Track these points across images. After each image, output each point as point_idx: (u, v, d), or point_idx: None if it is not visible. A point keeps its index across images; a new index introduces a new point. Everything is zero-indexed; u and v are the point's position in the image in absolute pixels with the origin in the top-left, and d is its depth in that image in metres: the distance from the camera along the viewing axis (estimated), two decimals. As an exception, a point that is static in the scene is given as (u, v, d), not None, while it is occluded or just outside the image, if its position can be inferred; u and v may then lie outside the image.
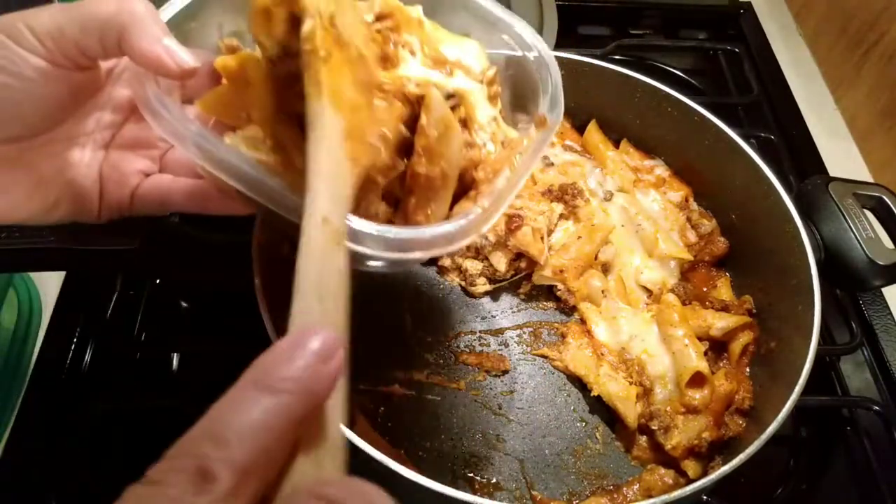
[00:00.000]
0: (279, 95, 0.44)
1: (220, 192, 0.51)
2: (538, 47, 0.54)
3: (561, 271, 0.75)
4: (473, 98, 0.49)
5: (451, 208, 0.48)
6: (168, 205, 0.53)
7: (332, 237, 0.35)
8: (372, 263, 0.45)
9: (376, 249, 0.42)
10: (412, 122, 0.46)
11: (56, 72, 0.43)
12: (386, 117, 0.44)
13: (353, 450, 0.52)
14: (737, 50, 1.16)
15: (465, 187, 0.49)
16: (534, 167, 0.49)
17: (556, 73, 0.53)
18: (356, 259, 0.47)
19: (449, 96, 0.48)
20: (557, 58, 0.54)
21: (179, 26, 0.47)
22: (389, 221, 0.47)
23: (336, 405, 0.30)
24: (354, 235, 0.41)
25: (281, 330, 0.57)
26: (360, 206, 0.44)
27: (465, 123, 0.49)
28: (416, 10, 0.49)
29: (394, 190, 0.47)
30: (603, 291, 0.75)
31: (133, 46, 0.42)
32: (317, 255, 0.34)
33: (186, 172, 0.53)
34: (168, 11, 0.47)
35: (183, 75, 0.44)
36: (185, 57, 0.43)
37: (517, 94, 0.55)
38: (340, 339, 0.30)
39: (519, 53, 0.54)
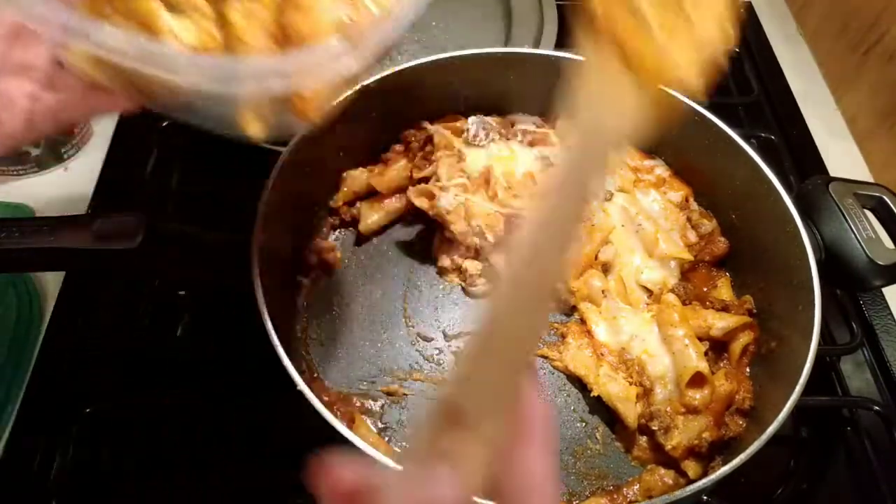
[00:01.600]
0: None
1: (93, 89, 0.47)
2: None
3: (561, 271, 0.75)
4: None
5: None
6: (61, 122, 0.51)
7: None
8: (202, 103, 0.40)
9: (197, 82, 0.38)
10: None
11: None
12: None
13: (353, 450, 0.52)
14: (737, 50, 1.16)
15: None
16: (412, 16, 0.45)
17: None
18: (182, 105, 0.41)
19: None
20: (557, 58, 0.53)
21: None
22: None
23: None
24: (167, 62, 0.37)
25: (280, 329, 0.56)
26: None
27: None
28: None
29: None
30: (603, 291, 0.75)
31: None
32: None
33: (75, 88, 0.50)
34: None
35: None
36: None
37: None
38: None
39: None
